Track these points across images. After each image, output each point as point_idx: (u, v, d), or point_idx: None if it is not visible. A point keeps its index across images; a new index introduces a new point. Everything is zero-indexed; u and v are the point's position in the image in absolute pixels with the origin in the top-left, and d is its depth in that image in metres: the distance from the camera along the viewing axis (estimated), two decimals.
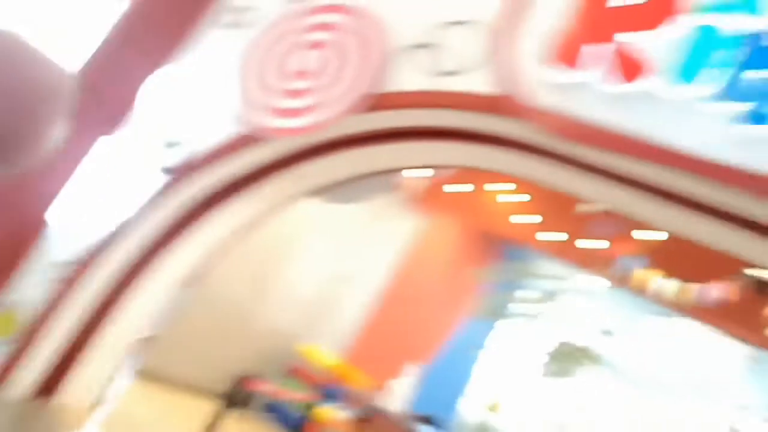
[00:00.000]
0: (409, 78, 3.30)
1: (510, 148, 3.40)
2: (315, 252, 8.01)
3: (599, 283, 5.99)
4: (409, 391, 9.51)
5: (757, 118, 2.52)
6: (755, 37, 2.60)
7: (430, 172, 6.22)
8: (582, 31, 2.98)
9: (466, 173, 6.45)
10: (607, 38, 2.93)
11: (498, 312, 8.04)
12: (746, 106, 2.55)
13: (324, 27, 3.68)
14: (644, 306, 8.06)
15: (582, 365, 8.10)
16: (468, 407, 10.41)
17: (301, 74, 3.64)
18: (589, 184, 3.49)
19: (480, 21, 3.19)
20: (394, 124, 3.36)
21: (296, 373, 8.46)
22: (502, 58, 3.02)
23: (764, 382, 9.17)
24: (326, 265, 8.29)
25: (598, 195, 3.71)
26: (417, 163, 3.81)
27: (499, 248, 8.86)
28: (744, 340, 6.15)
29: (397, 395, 9.10)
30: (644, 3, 2.92)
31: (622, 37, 2.90)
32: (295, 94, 3.61)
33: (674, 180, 2.97)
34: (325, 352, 8.58)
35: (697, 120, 2.68)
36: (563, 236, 5.56)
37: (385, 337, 8.53)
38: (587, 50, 2.94)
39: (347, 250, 8.15)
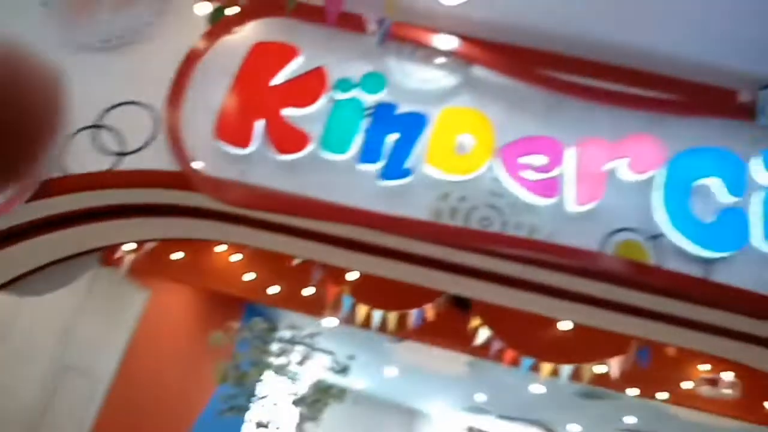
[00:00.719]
0: (88, 160, 3.29)
1: (202, 217, 3.56)
2: (33, 348, 7.18)
3: (332, 324, 6.47)
4: None
5: (387, 174, 3.09)
6: (379, 108, 3.20)
7: (150, 243, 6.07)
8: (248, 107, 3.32)
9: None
10: (272, 113, 3.31)
11: (244, 372, 8.05)
12: (380, 165, 3.11)
13: None
14: (373, 337, 8.85)
15: (329, 404, 8.53)
16: None
17: None
18: (282, 241, 3.83)
19: (151, 101, 3.34)
20: (74, 207, 3.30)
21: None
22: (174, 136, 3.20)
23: (485, 384, 10.68)
24: (48, 360, 7.46)
25: (293, 249, 4.08)
26: (112, 241, 3.77)
27: (237, 308, 8.94)
28: (459, 349, 7.10)
29: None
30: (298, 80, 3.35)
31: (286, 112, 3.31)
32: None
33: (349, 231, 3.44)
34: None
35: (350, 179, 3.18)
36: (290, 288, 5.94)
37: (126, 426, 7.92)
38: (256, 124, 3.28)
39: (71, 340, 7.45)
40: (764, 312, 3.09)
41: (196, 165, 3.21)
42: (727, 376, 5.59)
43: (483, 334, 5.93)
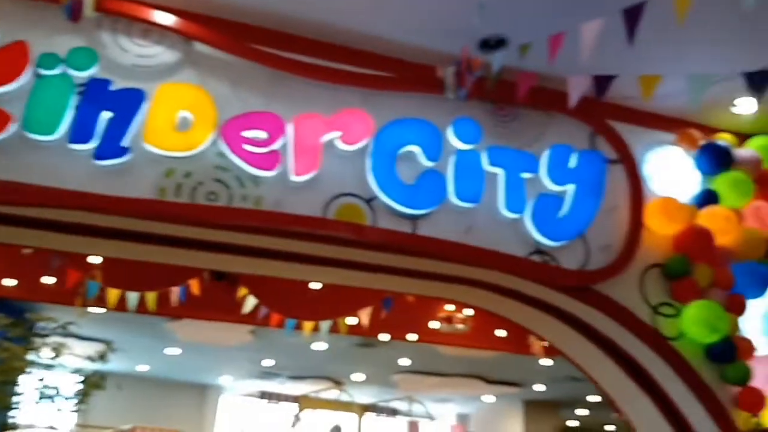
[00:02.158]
0: None
1: None
2: None
3: (93, 312, 6.12)
4: None
5: (102, 154, 3.02)
6: (91, 85, 3.08)
7: None
8: None
9: None
10: None
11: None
12: (94, 145, 3.03)
13: None
14: (148, 320, 8.55)
15: (90, 393, 8.11)
16: None
17: None
18: (4, 232, 3.55)
19: None
20: None
21: None
22: None
23: (270, 349, 10.93)
24: None
25: (21, 239, 3.81)
26: None
27: None
28: (232, 320, 7.17)
29: None
30: None
31: None
32: None
33: (74, 216, 3.30)
34: None
35: (62, 161, 3.03)
36: (27, 279, 5.45)
37: None
38: None
39: None
40: (462, 257, 3.65)
41: None
42: (459, 314, 6.49)
43: (250, 303, 6.10)
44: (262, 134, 3.29)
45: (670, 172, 4.06)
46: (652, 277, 3.88)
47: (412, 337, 6.70)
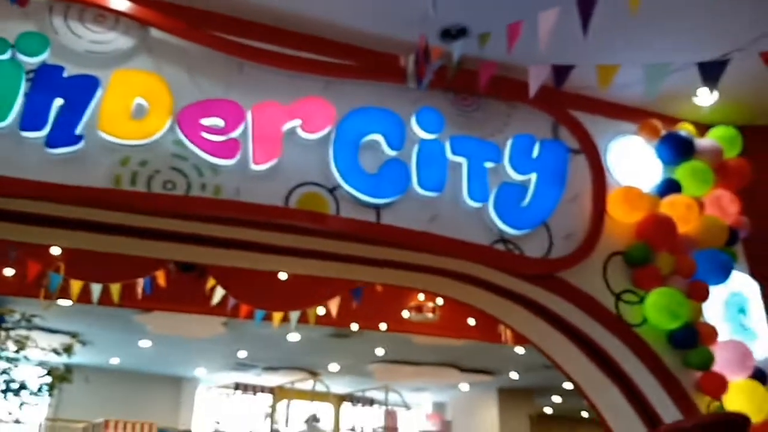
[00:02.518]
0: None
1: None
2: None
3: (48, 305, 5.99)
4: None
5: (54, 141, 2.94)
6: (42, 71, 3.00)
7: None
8: None
9: None
10: None
11: None
12: (45, 132, 2.95)
13: None
14: (119, 313, 8.45)
15: (57, 386, 8.02)
16: None
17: None
18: None
19: None
20: None
21: None
22: None
23: (244, 341, 10.86)
24: None
25: None
26: None
27: None
28: (201, 312, 7.11)
29: None
30: None
31: None
32: None
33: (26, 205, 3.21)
34: None
35: (13, 149, 2.94)
36: None
37: None
38: None
39: None
40: (426, 246, 3.64)
41: None
42: (429, 303, 6.50)
43: (218, 294, 6.05)
44: (220, 122, 3.24)
45: (632, 161, 4.09)
46: (615, 265, 3.91)
47: (382, 326, 6.71)
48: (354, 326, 6.49)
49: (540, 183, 3.76)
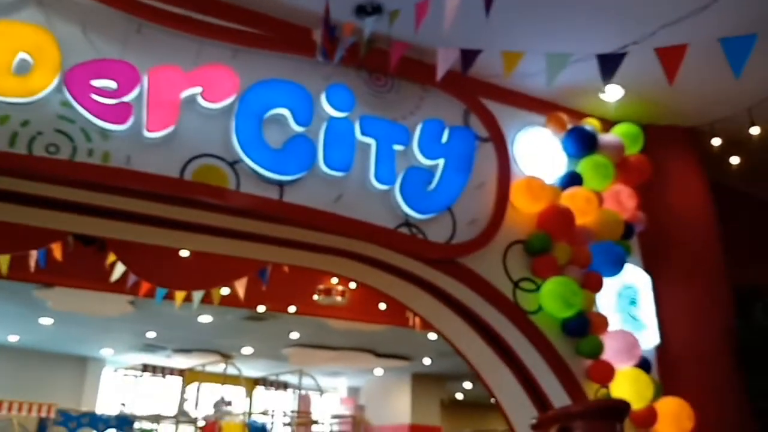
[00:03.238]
0: None
1: None
2: None
3: None
4: None
5: None
6: None
7: None
8: None
9: None
10: None
11: None
12: None
13: None
14: (17, 287, 7.95)
15: None
16: None
17: None
18: None
19: None
20: None
21: None
22: None
23: (153, 321, 10.48)
24: None
25: None
26: None
27: None
28: (101, 288, 6.77)
29: None
30: None
31: None
32: None
33: None
34: None
35: None
36: None
37: None
38: None
39: None
40: (330, 226, 3.58)
41: None
42: (338, 287, 6.46)
43: (119, 270, 5.76)
44: (112, 84, 3.04)
45: (539, 152, 4.18)
46: (515, 253, 3.99)
47: (291, 309, 6.60)
48: (261, 308, 6.35)
49: (447, 169, 3.77)
